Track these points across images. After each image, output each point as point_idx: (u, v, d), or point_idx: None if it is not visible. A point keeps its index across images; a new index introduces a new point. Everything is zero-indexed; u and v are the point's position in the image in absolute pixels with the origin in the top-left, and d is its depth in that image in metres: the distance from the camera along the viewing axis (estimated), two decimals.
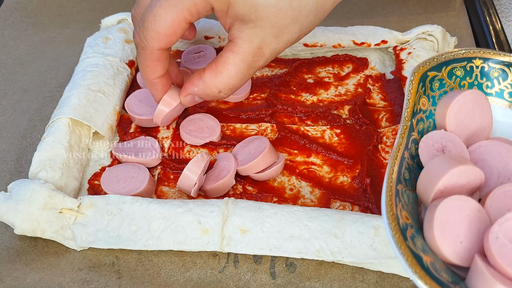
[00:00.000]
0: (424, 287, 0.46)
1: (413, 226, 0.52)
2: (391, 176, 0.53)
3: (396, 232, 0.49)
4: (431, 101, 0.63)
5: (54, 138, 0.69)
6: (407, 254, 0.48)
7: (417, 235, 0.51)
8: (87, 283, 0.61)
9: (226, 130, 0.78)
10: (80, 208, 0.63)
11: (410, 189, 0.56)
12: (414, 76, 0.62)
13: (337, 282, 0.61)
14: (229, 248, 0.61)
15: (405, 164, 0.56)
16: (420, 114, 0.61)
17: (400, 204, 0.52)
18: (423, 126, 0.61)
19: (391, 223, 0.49)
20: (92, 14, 1.04)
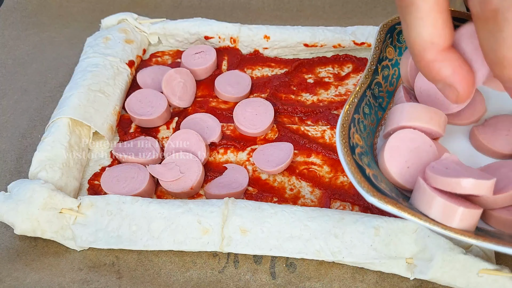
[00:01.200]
0: (362, 190, 0.52)
1: (364, 148, 0.59)
2: (350, 106, 0.60)
3: (345, 146, 0.56)
4: (398, 52, 0.68)
5: (54, 138, 0.69)
6: (351, 163, 0.54)
7: (366, 156, 0.58)
8: (87, 283, 0.61)
9: (226, 130, 0.78)
10: (80, 208, 0.63)
11: (369, 122, 0.62)
12: (382, 27, 0.67)
13: (337, 282, 0.61)
14: (229, 248, 0.61)
15: (366, 101, 0.62)
16: (386, 61, 0.66)
17: (354, 129, 0.59)
18: (388, 73, 0.67)
19: (341, 140, 0.56)
20: (92, 14, 1.04)
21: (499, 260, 0.61)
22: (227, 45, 0.90)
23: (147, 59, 0.90)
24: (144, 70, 0.85)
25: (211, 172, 0.72)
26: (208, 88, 0.85)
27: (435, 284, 0.60)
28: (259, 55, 0.89)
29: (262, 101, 0.79)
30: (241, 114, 0.77)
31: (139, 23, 0.90)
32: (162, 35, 0.91)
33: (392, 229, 0.59)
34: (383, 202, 0.52)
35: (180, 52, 0.91)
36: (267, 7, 1.05)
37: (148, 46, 0.92)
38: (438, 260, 0.56)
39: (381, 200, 0.52)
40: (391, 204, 0.52)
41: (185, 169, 0.69)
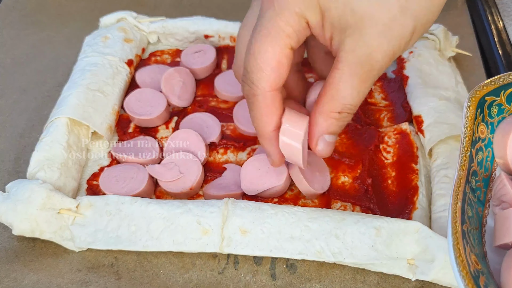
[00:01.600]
0: None
1: (484, 272, 0.46)
2: (455, 215, 0.47)
3: (469, 281, 0.43)
4: (490, 128, 0.56)
5: (52, 138, 0.69)
6: None
7: (489, 283, 0.46)
8: (85, 284, 0.61)
9: (226, 130, 0.78)
10: (79, 208, 0.63)
11: (474, 227, 0.50)
12: (471, 101, 0.55)
13: (338, 283, 0.60)
14: (229, 249, 0.61)
15: (467, 200, 0.50)
16: (479, 143, 0.55)
17: (468, 247, 0.46)
18: (482, 156, 0.55)
19: (462, 271, 0.44)
20: (91, 13, 1.03)
21: None
22: (227, 44, 0.89)
23: (146, 58, 0.90)
24: (143, 69, 0.84)
25: (210, 172, 0.72)
26: (207, 88, 0.84)
27: (437, 285, 0.59)
28: None
29: None
30: (241, 113, 0.76)
31: (138, 22, 0.89)
32: (161, 34, 0.91)
33: (393, 229, 0.59)
34: None
35: (179, 51, 0.91)
36: None
37: (148, 45, 0.92)
38: (439, 261, 0.56)
39: None
40: None
41: (185, 169, 0.69)
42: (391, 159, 0.72)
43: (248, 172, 0.68)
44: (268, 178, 0.67)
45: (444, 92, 0.75)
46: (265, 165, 0.68)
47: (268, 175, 0.67)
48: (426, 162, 0.71)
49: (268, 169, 0.67)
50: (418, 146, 0.72)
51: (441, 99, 0.73)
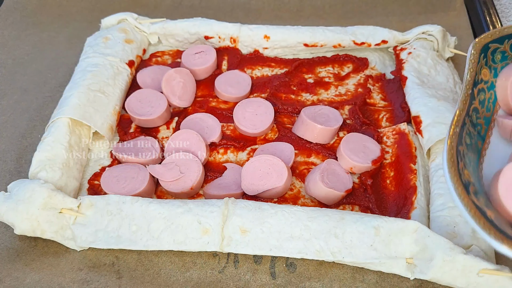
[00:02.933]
0: (488, 237, 0.45)
1: (475, 185, 0.51)
2: (453, 137, 0.53)
3: (459, 185, 0.48)
4: (493, 73, 0.61)
5: (54, 138, 0.69)
6: (470, 206, 0.47)
7: (479, 193, 0.50)
8: (87, 283, 0.61)
9: (226, 130, 0.78)
10: (80, 208, 0.63)
11: (471, 153, 0.55)
12: (475, 47, 0.60)
13: (337, 282, 0.61)
14: (229, 248, 0.61)
15: (466, 130, 0.55)
16: (481, 84, 0.60)
17: (462, 162, 0.52)
18: (484, 97, 0.60)
19: (453, 177, 0.49)
20: (92, 14, 1.04)
21: (500, 260, 0.61)
22: (227, 45, 0.90)
23: (147, 59, 0.90)
24: (144, 70, 0.85)
25: (211, 172, 0.72)
26: (208, 88, 0.85)
27: (435, 284, 0.60)
28: (259, 55, 0.89)
29: (262, 101, 0.79)
30: (241, 114, 0.77)
31: (139, 23, 0.90)
32: (162, 35, 0.91)
33: (392, 229, 0.59)
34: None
35: (180, 52, 0.91)
36: (267, 7, 1.05)
37: (148, 46, 0.92)
38: (438, 260, 0.56)
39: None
40: None
41: (185, 169, 0.69)
42: (390, 159, 0.73)
43: (248, 172, 0.68)
44: (268, 179, 0.67)
45: (442, 93, 0.76)
46: (266, 166, 0.68)
47: (269, 176, 0.67)
48: (424, 162, 0.71)
49: (269, 170, 0.68)
50: (416, 146, 0.72)
51: (439, 100, 0.74)
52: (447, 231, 0.61)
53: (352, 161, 0.69)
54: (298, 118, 0.75)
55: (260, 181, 0.67)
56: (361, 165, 0.70)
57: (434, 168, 0.68)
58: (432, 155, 0.70)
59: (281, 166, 0.68)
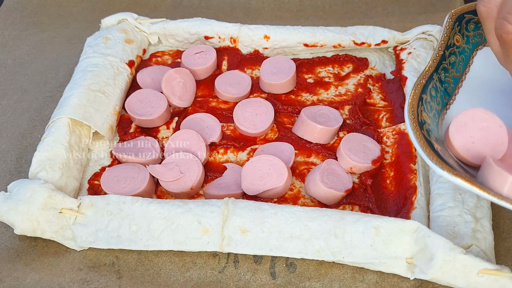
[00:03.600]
0: (431, 162, 0.51)
1: (431, 126, 0.58)
2: (418, 86, 0.59)
3: (414, 121, 0.55)
4: (465, 40, 0.68)
5: (54, 138, 0.69)
6: (420, 138, 0.53)
7: (432, 132, 0.57)
8: (87, 283, 0.61)
9: (226, 130, 0.78)
10: (80, 208, 0.63)
11: (435, 104, 0.61)
12: (451, 15, 0.67)
13: (337, 282, 0.61)
14: (229, 248, 0.61)
15: (432, 83, 0.61)
16: (453, 48, 0.66)
17: (422, 107, 0.58)
18: (455, 60, 0.66)
19: (410, 116, 0.55)
20: (92, 14, 1.04)
21: (499, 260, 0.61)
22: (227, 45, 0.90)
23: (147, 59, 0.90)
24: (144, 70, 0.85)
25: (211, 172, 0.72)
26: (208, 88, 0.85)
27: (435, 284, 0.60)
28: (259, 55, 0.89)
29: (262, 101, 0.79)
30: (241, 114, 0.77)
31: (139, 23, 0.90)
32: (162, 35, 0.91)
33: (392, 229, 0.59)
34: (453, 175, 0.51)
35: (180, 52, 0.91)
36: (267, 7, 1.05)
37: (148, 46, 0.92)
38: (438, 260, 0.56)
39: (451, 172, 0.51)
40: (461, 178, 0.51)
41: (185, 169, 0.69)
42: (390, 159, 0.73)
43: (249, 172, 0.68)
44: (268, 179, 0.67)
45: None
46: (266, 166, 0.68)
47: (269, 176, 0.67)
48: (424, 162, 0.71)
49: (269, 170, 0.68)
50: None
51: None
52: (447, 231, 0.61)
53: (352, 161, 0.69)
54: (298, 118, 0.76)
55: (260, 181, 0.67)
56: (361, 165, 0.70)
57: None
58: None
59: (281, 166, 0.68)
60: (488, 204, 0.64)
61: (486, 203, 0.64)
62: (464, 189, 0.51)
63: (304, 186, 0.70)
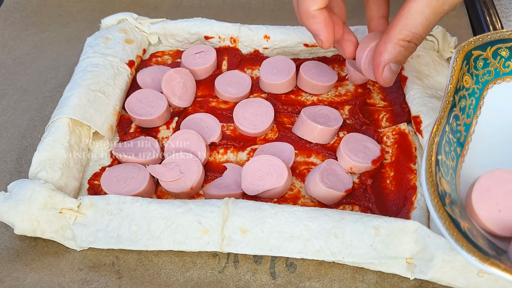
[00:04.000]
0: (461, 249, 0.46)
1: (452, 195, 0.52)
2: (432, 146, 0.54)
3: (435, 197, 0.50)
4: (475, 80, 0.63)
5: (54, 138, 0.69)
6: (445, 218, 0.48)
7: (455, 204, 0.52)
8: (87, 283, 0.61)
9: (226, 130, 0.78)
10: (80, 208, 0.63)
11: (450, 161, 0.57)
12: (458, 53, 0.62)
13: (337, 282, 0.61)
14: (229, 248, 0.61)
15: (445, 138, 0.57)
16: (462, 91, 0.61)
17: (440, 173, 0.53)
18: (465, 103, 0.61)
19: (430, 188, 0.50)
20: (92, 14, 1.04)
21: None
22: (227, 45, 0.90)
23: (147, 59, 0.90)
24: (144, 70, 0.85)
25: (211, 172, 0.72)
26: (208, 88, 0.85)
27: (435, 284, 0.60)
28: (259, 55, 0.89)
29: (262, 101, 0.79)
30: (241, 114, 0.77)
31: (139, 23, 0.90)
32: (162, 35, 0.91)
33: (392, 229, 0.59)
34: (487, 263, 0.46)
35: (180, 52, 0.91)
36: (267, 7, 1.05)
37: (148, 46, 0.92)
38: (438, 260, 0.56)
39: (483, 261, 0.46)
40: (496, 266, 0.46)
41: (185, 169, 0.69)
42: (390, 159, 0.73)
43: (249, 172, 0.68)
44: (268, 179, 0.67)
45: (442, 93, 0.76)
46: (266, 166, 0.68)
47: (269, 176, 0.67)
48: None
49: (269, 170, 0.68)
50: (416, 146, 0.72)
51: (439, 100, 0.73)
52: None
53: (352, 161, 0.69)
54: (298, 118, 0.76)
55: (260, 181, 0.67)
56: (361, 165, 0.70)
57: None
58: None
59: (281, 166, 0.68)
60: None
61: None
62: (503, 279, 0.46)
63: (304, 186, 0.70)
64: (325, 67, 0.84)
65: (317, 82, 0.81)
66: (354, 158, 0.70)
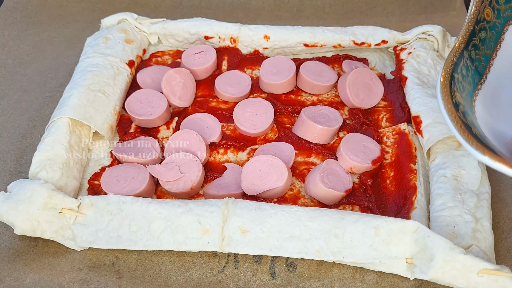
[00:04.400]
0: (471, 148, 0.47)
1: (465, 107, 0.53)
2: (449, 64, 0.55)
3: (449, 103, 0.51)
4: (496, 14, 0.62)
5: (54, 138, 0.69)
6: (457, 121, 0.49)
7: (468, 113, 0.52)
8: (87, 283, 0.61)
9: (226, 130, 0.78)
10: (80, 208, 0.63)
11: (467, 85, 0.57)
12: None
13: (337, 282, 0.61)
14: (229, 248, 0.61)
15: (463, 62, 0.57)
16: (483, 23, 0.61)
17: (455, 87, 0.54)
18: (486, 36, 0.61)
19: (444, 96, 0.51)
20: (92, 14, 1.04)
21: (499, 260, 0.62)
22: (227, 45, 0.90)
23: (147, 59, 0.90)
24: (144, 70, 0.85)
25: (211, 172, 0.72)
26: (208, 88, 0.85)
27: (435, 284, 0.60)
28: (259, 55, 0.89)
29: (262, 101, 0.79)
30: (241, 114, 0.77)
31: (139, 23, 0.90)
32: (162, 35, 0.91)
33: (392, 229, 0.59)
34: (497, 160, 0.46)
35: (180, 52, 0.91)
36: (267, 7, 1.05)
37: (148, 46, 0.92)
38: (438, 260, 0.56)
39: (494, 158, 0.46)
40: (505, 163, 0.46)
41: (185, 169, 0.69)
42: (390, 159, 0.73)
43: (249, 172, 0.68)
44: (268, 179, 0.67)
45: None
46: (266, 166, 0.68)
47: (269, 176, 0.67)
48: (424, 162, 0.71)
49: (269, 170, 0.68)
50: (416, 146, 0.72)
51: None
52: (447, 231, 0.61)
53: (352, 161, 0.69)
54: (298, 118, 0.76)
55: (260, 181, 0.67)
56: (361, 165, 0.70)
57: (434, 168, 0.68)
58: (432, 155, 0.70)
59: (281, 166, 0.68)
60: (488, 204, 0.64)
61: (486, 203, 0.64)
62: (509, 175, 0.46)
63: (304, 186, 0.70)
64: (325, 67, 0.84)
65: (317, 82, 0.81)
66: (354, 158, 0.70)
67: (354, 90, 0.78)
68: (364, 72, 0.80)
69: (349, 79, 0.78)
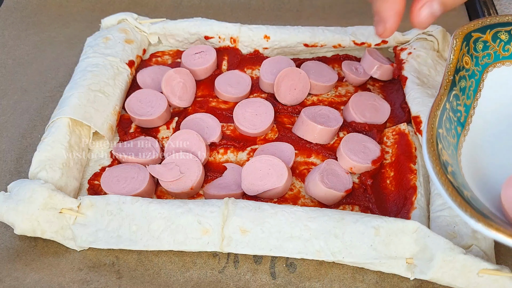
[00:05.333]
0: (464, 215, 0.46)
1: (453, 166, 0.52)
2: (433, 119, 0.54)
3: (437, 165, 0.49)
4: (475, 61, 0.63)
5: (54, 138, 0.69)
6: (447, 185, 0.48)
7: (457, 174, 0.51)
8: (87, 283, 0.61)
9: (226, 130, 0.78)
10: (80, 208, 0.63)
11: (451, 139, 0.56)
12: (458, 35, 0.62)
13: (337, 282, 0.61)
14: (229, 248, 0.61)
15: (446, 114, 0.56)
16: (463, 71, 0.61)
17: (441, 144, 0.52)
18: (465, 84, 0.61)
19: (432, 157, 0.50)
20: (92, 14, 1.04)
21: (499, 260, 0.61)
22: (227, 45, 0.90)
23: (147, 59, 0.90)
24: (144, 70, 0.85)
25: (211, 172, 0.72)
26: (208, 88, 0.85)
27: (435, 284, 0.60)
28: (259, 55, 0.89)
29: (262, 101, 0.79)
30: (241, 114, 0.77)
31: (139, 23, 0.90)
32: (162, 35, 0.91)
33: (392, 229, 0.59)
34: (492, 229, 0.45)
35: (180, 52, 0.91)
36: (267, 7, 1.05)
37: (148, 46, 0.92)
38: (438, 260, 0.56)
39: (489, 226, 0.45)
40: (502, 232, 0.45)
41: (185, 169, 0.69)
42: (390, 159, 0.73)
43: (249, 172, 0.68)
44: (269, 179, 0.67)
45: None
46: (266, 166, 0.68)
47: (269, 176, 0.67)
48: (424, 162, 0.71)
49: (269, 170, 0.68)
50: (416, 146, 0.72)
51: None
52: (447, 231, 0.61)
53: (352, 161, 0.69)
54: (298, 118, 0.76)
55: (260, 181, 0.67)
56: (361, 165, 0.70)
57: None
58: None
59: (281, 166, 0.68)
60: None
61: None
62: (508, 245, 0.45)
63: (304, 186, 0.70)
64: (325, 67, 0.84)
65: (317, 82, 0.81)
66: (354, 158, 0.70)
67: (360, 110, 0.76)
68: (365, 95, 0.79)
69: (351, 101, 0.77)
